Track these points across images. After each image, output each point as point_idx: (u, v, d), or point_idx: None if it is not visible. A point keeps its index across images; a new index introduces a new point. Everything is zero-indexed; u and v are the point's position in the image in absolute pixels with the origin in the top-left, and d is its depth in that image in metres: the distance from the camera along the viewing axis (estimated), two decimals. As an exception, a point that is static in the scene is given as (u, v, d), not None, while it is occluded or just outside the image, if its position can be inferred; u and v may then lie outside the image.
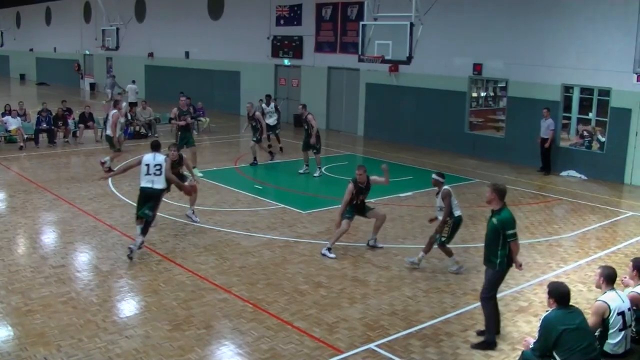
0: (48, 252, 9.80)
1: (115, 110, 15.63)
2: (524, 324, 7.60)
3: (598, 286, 6.15)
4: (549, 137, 16.59)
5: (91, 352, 6.62)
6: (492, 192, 6.96)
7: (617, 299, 5.89)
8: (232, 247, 10.16)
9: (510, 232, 6.80)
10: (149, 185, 9.72)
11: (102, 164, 15.10)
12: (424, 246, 9.44)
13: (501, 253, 6.86)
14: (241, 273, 9.03)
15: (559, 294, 5.66)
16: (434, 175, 9.40)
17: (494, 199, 6.94)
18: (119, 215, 11.72)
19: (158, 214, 10.37)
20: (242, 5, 27.47)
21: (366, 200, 10.32)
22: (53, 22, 44.72)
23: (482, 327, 7.27)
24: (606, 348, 5.89)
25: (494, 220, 6.91)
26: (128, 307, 7.92)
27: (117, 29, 27.16)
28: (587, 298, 8.48)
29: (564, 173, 16.76)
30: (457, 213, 9.17)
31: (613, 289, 5.99)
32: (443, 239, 9.15)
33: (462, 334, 7.32)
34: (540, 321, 5.66)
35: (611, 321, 5.81)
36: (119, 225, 11.11)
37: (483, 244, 7.16)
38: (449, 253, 9.35)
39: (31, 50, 47.77)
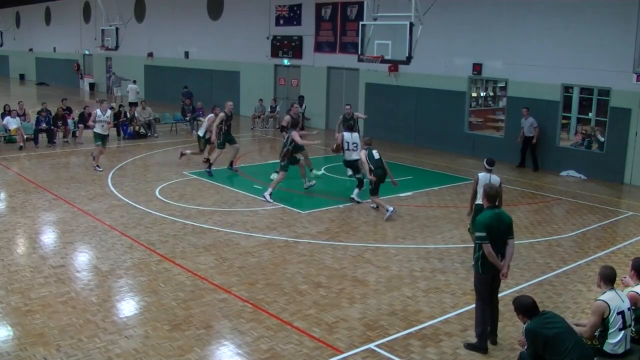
0: (48, 252, 9.80)
1: (212, 115, 15.91)
2: (524, 324, 7.58)
3: (599, 286, 6.15)
4: (534, 135, 16.92)
5: (91, 352, 6.62)
6: (482, 193, 7.21)
7: (616, 299, 5.88)
8: (231, 247, 10.16)
9: (477, 234, 6.84)
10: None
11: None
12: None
13: (476, 255, 6.90)
14: (241, 273, 9.03)
15: (523, 308, 5.73)
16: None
17: (483, 199, 7.08)
18: (118, 215, 11.71)
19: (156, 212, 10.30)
20: (242, 5, 27.47)
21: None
22: (53, 22, 44.71)
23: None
24: (606, 348, 5.89)
25: None
26: (128, 307, 7.92)
27: (117, 29, 27.16)
28: (587, 298, 8.49)
29: (563, 173, 16.77)
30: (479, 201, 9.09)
31: (613, 288, 5.98)
32: (468, 226, 9.44)
33: (462, 334, 7.31)
34: (524, 334, 5.71)
35: (611, 321, 5.81)
36: (119, 225, 11.11)
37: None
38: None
39: (31, 50, 47.77)
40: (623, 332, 5.86)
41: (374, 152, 12.25)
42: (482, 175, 9.40)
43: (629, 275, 6.57)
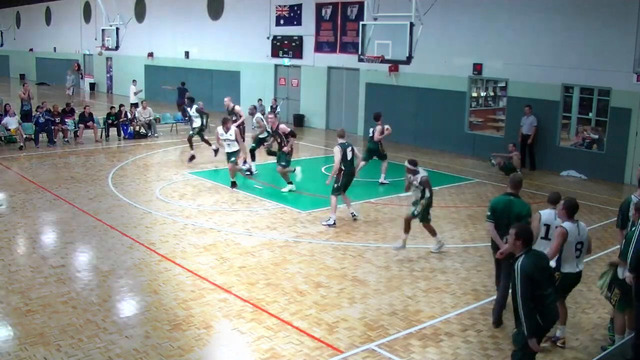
0: (48, 252, 9.80)
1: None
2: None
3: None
4: (531, 134, 16.94)
5: (91, 352, 6.62)
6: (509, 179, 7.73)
7: (551, 215, 7.22)
8: (231, 247, 10.16)
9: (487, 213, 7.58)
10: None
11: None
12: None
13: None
14: (241, 273, 9.03)
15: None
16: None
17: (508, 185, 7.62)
18: (119, 215, 11.71)
19: (156, 214, 10.28)
20: (242, 5, 27.48)
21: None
22: (53, 22, 44.72)
23: (482, 327, 7.30)
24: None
25: None
26: (128, 307, 7.92)
27: (117, 29, 27.16)
28: (587, 298, 8.50)
29: (564, 173, 16.78)
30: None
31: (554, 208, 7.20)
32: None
33: (462, 334, 7.31)
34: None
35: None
36: (119, 225, 11.11)
37: (483, 244, 7.23)
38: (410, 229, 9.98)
39: (31, 50, 47.77)
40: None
41: (348, 150, 11.49)
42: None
43: (634, 217, 6.80)
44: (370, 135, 15.01)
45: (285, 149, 13.52)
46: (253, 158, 15.82)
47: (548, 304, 5.43)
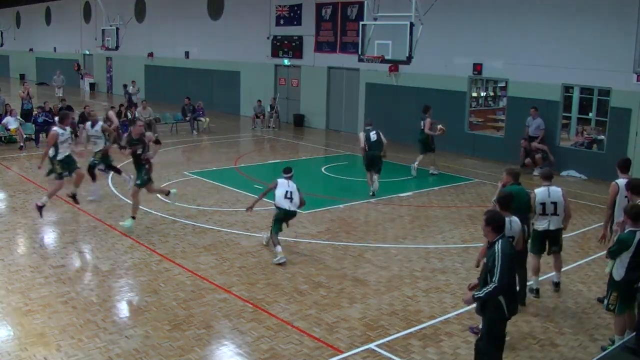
0: (48, 252, 9.80)
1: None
2: (524, 323, 7.60)
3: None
4: (539, 137, 16.81)
5: (91, 352, 6.62)
6: (506, 175, 8.08)
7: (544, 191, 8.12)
8: (232, 247, 10.16)
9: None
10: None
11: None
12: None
13: None
14: (241, 273, 9.03)
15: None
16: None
17: (508, 176, 8.04)
18: (118, 216, 11.71)
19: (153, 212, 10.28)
20: (242, 5, 27.48)
21: None
22: (53, 22, 44.73)
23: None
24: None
25: None
26: (128, 307, 7.92)
27: (117, 29, 27.16)
28: (587, 298, 8.49)
29: (564, 173, 16.77)
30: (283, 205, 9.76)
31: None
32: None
33: (462, 334, 7.32)
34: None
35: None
36: (119, 225, 11.10)
37: (483, 244, 7.21)
38: (275, 243, 9.52)
39: (31, 50, 47.77)
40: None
41: (372, 133, 13.28)
42: (278, 179, 9.97)
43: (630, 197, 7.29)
44: (422, 127, 15.88)
45: (143, 157, 10.72)
46: (93, 178, 12.81)
47: (515, 295, 5.87)
